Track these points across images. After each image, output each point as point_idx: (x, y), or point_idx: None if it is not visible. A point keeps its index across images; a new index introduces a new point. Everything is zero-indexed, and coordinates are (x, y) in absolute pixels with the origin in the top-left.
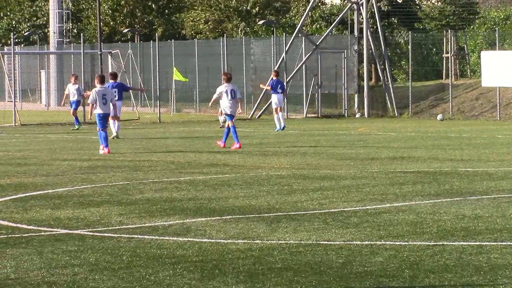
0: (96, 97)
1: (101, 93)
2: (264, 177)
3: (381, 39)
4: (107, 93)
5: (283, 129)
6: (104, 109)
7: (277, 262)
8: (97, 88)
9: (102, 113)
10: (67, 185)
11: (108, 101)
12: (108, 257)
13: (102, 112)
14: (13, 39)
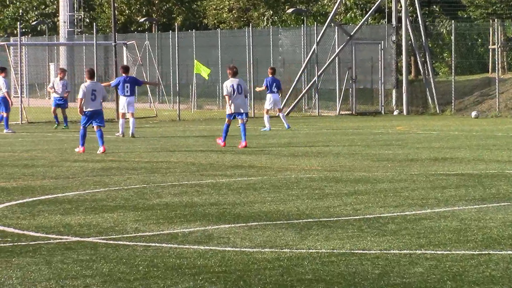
0: (85, 92)
1: (90, 89)
2: (294, 180)
3: (421, 29)
4: (97, 88)
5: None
6: (93, 106)
7: (307, 273)
8: (87, 83)
9: (90, 110)
10: (78, 188)
11: (97, 97)
12: (122, 267)
13: (91, 109)
14: (20, 29)
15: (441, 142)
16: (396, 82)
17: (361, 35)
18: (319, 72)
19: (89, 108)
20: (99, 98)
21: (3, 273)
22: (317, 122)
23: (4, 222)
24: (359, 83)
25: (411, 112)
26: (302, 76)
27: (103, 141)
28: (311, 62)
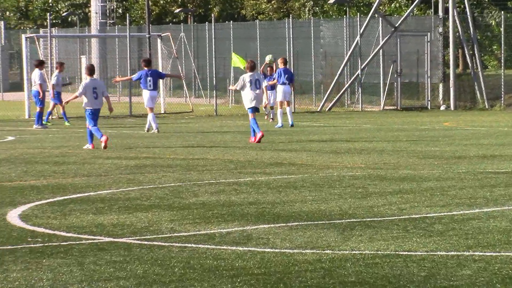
0: (86, 90)
1: (91, 86)
2: (336, 178)
3: (469, 20)
4: (98, 85)
5: (292, 126)
6: (95, 104)
7: (350, 275)
8: (87, 81)
9: (93, 109)
10: (111, 187)
11: (99, 95)
12: (157, 268)
13: (93, 107)
14: (50, 20)
15: (490, 139)
16: (443, 76)
17: (406, 26)
18: (362, 66)
19: (93, 106)
20: (100, 95)
21: (34, 275)
22: (360, 118)
23: (35, 222)
24: (404, 77)
25: (458, 107)
26: (345, 69)
27: (92, 139)
28: (354, 55)
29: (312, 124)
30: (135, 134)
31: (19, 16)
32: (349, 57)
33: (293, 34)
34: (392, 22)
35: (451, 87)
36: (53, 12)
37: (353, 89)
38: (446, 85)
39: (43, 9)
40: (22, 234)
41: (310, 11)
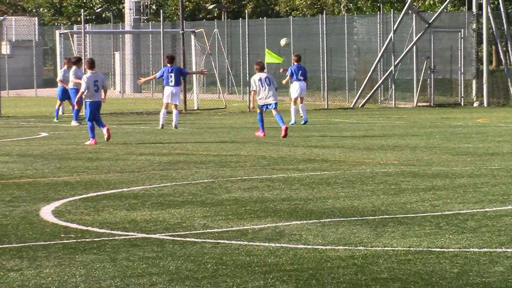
0: (88, 84)
1: (92, 79)
2: (369, 174)
3: (503, 16)
4: (99, 78)
5: (305, 123)
6: (96, 97)
7: (383, 272)
8: (88, 74)
9: (93, 101)
10: (144, 183)
11: (100, 88)
12: (190, 265)
13: (93, 100)
14: (84, 16)
15: None
16: (477, 72)
17: (440, 23)
18: (395, 62)
19: (93, 99)
20: (101, 88)
21: (67, 271)
22: (393, 114)
23: (68, 218)
24: (437, 73)
25: (492, 103)
26: (378, 65)
27: (94, 134)
28: (387, 51)
29: (345, 120)
30: (168, 130)
31: (53, 12)
32: (382, 53)
33: (326, 30)
34: (425, 18)
35: (485, 84)
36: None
37: (386, 85)
38: (479, 81)
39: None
40: (55, 230)
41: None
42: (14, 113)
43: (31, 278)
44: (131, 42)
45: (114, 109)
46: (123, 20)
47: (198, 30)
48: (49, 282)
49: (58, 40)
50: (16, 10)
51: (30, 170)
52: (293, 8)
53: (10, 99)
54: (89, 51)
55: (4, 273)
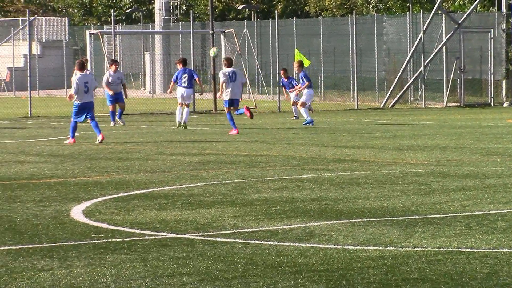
0: (78, 86)
1: (82, 81)
2: (399, 174)
3: None
4: (89, 80)
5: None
6: (86, 98)
7: (413, 272)
8: (78, 76)
9: (82, 103)
10: (174, 183)
11: (90, 89)
12: (220, 265)
13: (83, 101)
14: (114, 17)
15: None
16: (507, 73)
17: (469, 23)
18: (425, 62)
19: (83, 100)
20: (91, 89)
21: (97, 271)
22: (423, 114)
23: (98, 218)
24: (467, 74)
25: None
26: (408, 66)
27: (99, 130)
28: (417, 51)
29: (375, 120)
30: (198, 130)
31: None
32: (412, 53)
33: (356, 31)
34: (455, 19)
35: None
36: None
37: (416, 85)
38: (509, 81)
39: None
40: (86, 230)
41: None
42: (45, 113)
43: (61, 278)
44: (161, 42)
45: (145, 109)
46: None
47: (228, 30)
48: (79, 282)
49: (88, 41)
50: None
51: (61, 170)
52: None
53: (41, 99)
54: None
55: (35, 273)
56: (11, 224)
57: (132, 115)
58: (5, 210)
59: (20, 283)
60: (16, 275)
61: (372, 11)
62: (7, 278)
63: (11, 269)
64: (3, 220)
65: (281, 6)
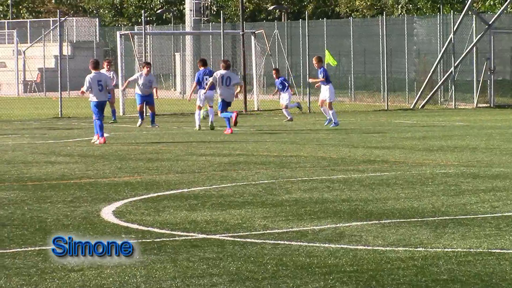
0: (91, 84)
1: (95, 79)
2: (428, 175)
3: None
4: (102, 78)
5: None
6: (100, 97)
7: (443, 273)
8: (91, 75)
9: (98, 101)
10: (204, 183)
11: (104, 88)
12: (250, 265)
13: (98, 100)
14: (144, 18)
15: None
16: None
17: (500, 24)
18: (455, 63)
19: (99, 98)
20: (105, 88)
21: (127, 271)
22: (454, 115)
23: (128, 218)
24: (497, 74)
25: None
26: (438, 67)
27: (103, 132)
28: (447, 52)
29: (405, 121)
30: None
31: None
32: (442, 54)
33: (386, 32)
34: (485, 20)
35: None
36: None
37: (446, 86)
38: None
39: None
40: (116, 231)
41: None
42: (75, 114)
43: (92, 278)
44: (191, 43)
45: (175, 110)
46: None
47: (258, 31)
48: (110, 283)
49: (119, 41)
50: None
51: (91, 171)
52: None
53: (71, 100)
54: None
55: (65, 273)
56: (42, 224)
57: (163, 116)
58: (35, 211)
59: (51, 283)
60: (46, 275)
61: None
62: (37, 279)
63: (41, 269)
64: (34, 221)
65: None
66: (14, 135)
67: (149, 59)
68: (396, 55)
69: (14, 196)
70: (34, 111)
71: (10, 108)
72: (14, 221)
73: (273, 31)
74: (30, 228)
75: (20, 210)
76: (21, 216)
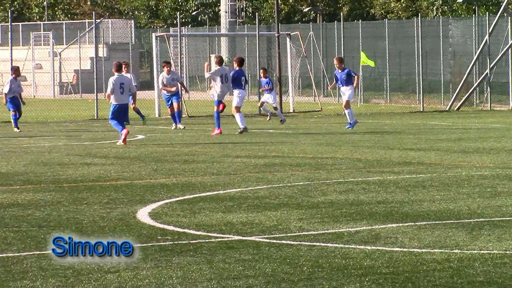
0: (114, 87)
1: (118, 82)
2: (464, 177)
3: None
4: (125, 81)
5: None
6: (121, 99)
7: (479, 275)
8: (114, 77)
9: (119, 104)
10: (240, 185)
11: (125, 90)
12: (286, 267)
13: (119, 102)
14: (180, 19)
15: None
16: None
17: None
18: (491, 65)
19: (118, 101)
20: (127, 90)
21: (163, 273)
22: (489, 117)
23: (164, 220)
24: None
25: None
26: (474, 68)
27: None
28: (482, 54)
29: (441, 123)
30: (264, 132)
31: (149, 15)
32: (477, 56)
33: (421, 33)
34: None
35: None
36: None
37: (482, 88)
38: None
39: (173, 8)
40: (152, 232)
41: (439, 9)
42: None
43: (128, 280)
44: (226, 44)
45: (210, 111)
46: (218, 23)
47: (294, 32)
48: (146, 284)
49: (155, 43)
50: (112, 13)
51: (127, 172)
52: (388, 11)
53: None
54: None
55: (102, 275)
56: (78, 226)
57: (198, 117)
58: (71, 212)
59: (87, 285)
60: (82, 277)
61: (437, 13)
62: (73, 280)
63: (78, 271)
64: (70, 222)
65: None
66: (50, 136)
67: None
68: (432, 56)
69: (50, 198)
70: (70, 112)
71: (46, 110)
72: (50, 223)
73: (308, 32)
74: (66, 229)
75: (56, 212)
76: (57, 218)
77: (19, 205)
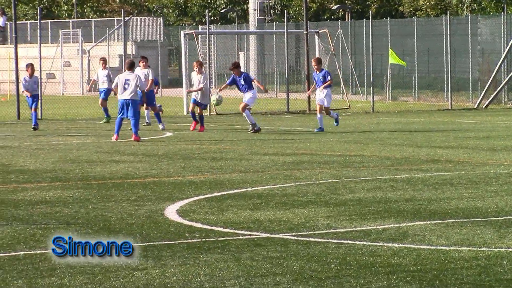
0: (117, 82)
1: (123, 78)
2: (492, 175)
3: None
4: (131, 78)
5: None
6: (124, 95)
7: (507, 273)
8: (122, 74)
9: (120, 100)
10: (268, 182)
11: (130, 87)
12: (314, 265)
13: (122, 98)
14: (208, 17)
15: None
16: None
17: None
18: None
19: (122, 97)
20: (133, 87)
21: (191, 270)
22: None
23: (192, 217)
24: None
25: None
26: (502, 66)
27: (136, 130)
28: (511, 52)
29: (469, 121)
30: (292, 130)
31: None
32: (506, 54)
33: (450, 31)
34: None
35: None
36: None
37: (510, 86)
38: None
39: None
40: (180, 230)
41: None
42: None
43: (156, 277)
44: (255, 42)
45: (238, 109)
46: (247, 21)
47: (322, 30)
48: (173, 282)
49: (183, 41)
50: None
51: (155, 170)
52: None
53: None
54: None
55: (129, 272)
56: (106, 223)
57: (227, 115)
58: (100, 209)
59: (115, 282)
60: (110, 274)
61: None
62: (101, 277)
63: (105, 268)
64: (98, 219)
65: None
66: (78, 134)
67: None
68: (460, 54)
69: (78, 195)
70: (99, 110)
71: (75, 107)
72: (78, 220)
73: (336, 30)
74: (94, 226)
75: (85, 209)
76: (86, 215)
77: (47, 202)
